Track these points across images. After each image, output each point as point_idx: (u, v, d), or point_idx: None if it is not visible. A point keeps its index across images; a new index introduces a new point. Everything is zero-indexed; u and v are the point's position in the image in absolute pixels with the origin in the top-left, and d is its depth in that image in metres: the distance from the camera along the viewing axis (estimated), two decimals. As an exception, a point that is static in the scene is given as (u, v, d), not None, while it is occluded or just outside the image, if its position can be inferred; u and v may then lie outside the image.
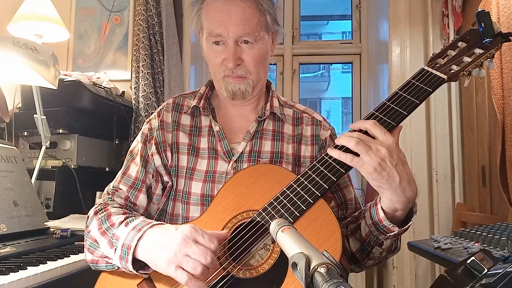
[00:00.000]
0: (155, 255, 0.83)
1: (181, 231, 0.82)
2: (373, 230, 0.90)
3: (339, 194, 1.08)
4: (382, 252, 0.94)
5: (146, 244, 0.85)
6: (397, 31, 2.49)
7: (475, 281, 0.69)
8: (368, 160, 0.79)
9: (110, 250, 0.89)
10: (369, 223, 0.90)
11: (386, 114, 0.88)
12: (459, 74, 0.91)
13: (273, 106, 1.10)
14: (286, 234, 0.57)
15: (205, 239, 0.81)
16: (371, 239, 0.92)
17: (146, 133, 1.09)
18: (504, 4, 1.72)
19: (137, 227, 0.88)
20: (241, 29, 0.98)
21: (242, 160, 1.04)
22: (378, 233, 0.89)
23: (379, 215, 0.87)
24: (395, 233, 0.86)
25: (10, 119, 1.90)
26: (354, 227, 0.97)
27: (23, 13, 1.99)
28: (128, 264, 0.86)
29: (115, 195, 1.03)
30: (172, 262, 0.80)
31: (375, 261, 0.98)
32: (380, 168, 0.79)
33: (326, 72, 6.61)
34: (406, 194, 0.82)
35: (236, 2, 0.98)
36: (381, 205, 0.86)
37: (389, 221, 0.86)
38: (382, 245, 0.92)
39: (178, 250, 0.80)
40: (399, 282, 2.37)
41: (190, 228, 0.82)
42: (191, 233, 0.81)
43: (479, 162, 2.09)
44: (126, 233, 0.87)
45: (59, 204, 1.83)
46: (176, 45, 2.49)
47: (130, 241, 0.86)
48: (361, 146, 0.80)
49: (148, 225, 0.88)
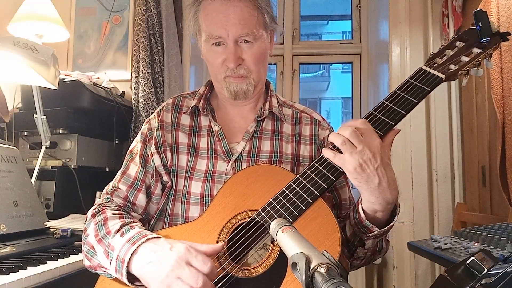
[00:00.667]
0: (148, 273, 0.82)
1: (176, 252, 0.82)
2: (356, 230, 0.91)
3: (335, 194, 1.08)
4: (366, 252, 0.94)
5: (139, 260, 0.84)
6: (397, 31, 2.49)
7: (475, 281, 0.69)
8: (349, 159, 0.81)
9: (106, 260, 0.89)
10: (353, 223, 0.91)
11: (385, 113, 0.88)
12: (457, 73, 0.91)
13: (272, 105, 1.10)
14: (286, 234, 0.57)
15: (198, 262, 0.80)
16: (355, 239, 0.93)
17: (145, 133, 1.09)
18: (504, 4, 1.72)
19: (131, 240, 0.87)
20: (240, 29, 0.97)
21: (242, 160, 1.04)
22: (360, 233, 0.90)
23: (359, 215, 0.88)
24: (375, 233, 0.87)
25: (10, 119, 1.90)
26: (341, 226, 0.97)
27: (23, 13, 1.99)
28: (123, 278, 0.86)
29: (114, 194, 1.03)
30: (163, 283, 0.79)
31: (361, 261, 0.98)
32: (360, 169, 0.81)
33: (326, 72, 6.61)
34: (384, 196, 0.83)
35: (233, 2, 0.97)
36: (361, 205, 0.87)
37: (369, 221, 0.87)
38: (365, 246, 0.92)
39: (170, 271, 0.79)
40: (399, 282, 2.37)
41: (185, 249, 0.82)
42: (185, 254, 0.81)
43: (479, 162, 2.09)
44: (121, 245, 0.87)
45: (59, 204, 1.84)
46: (176, 45, 2.49)
47: (124, 255, 0.85)
48: (346, 146, 0.82)
49: (142, 238, 0.87)
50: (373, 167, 0.81)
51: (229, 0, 0.97)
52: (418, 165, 2.41)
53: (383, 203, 0.84)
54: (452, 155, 2.36)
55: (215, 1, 0.99)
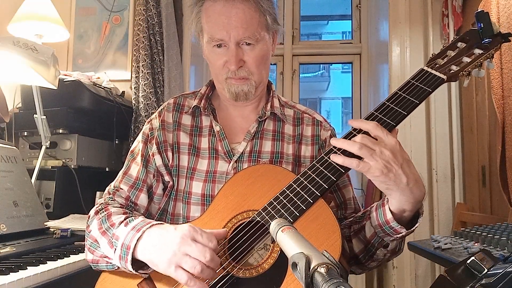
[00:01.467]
0: (155, 255, 0.83)
1: (180, 230, 0.83)
2: (378, 231, 0.90)
3: (338, 194, 1.08)
4: (386, 253, 0.93)
5: (145, 244, 0.85)
6: (397, 31, 2.49)
7: (475, 281, 0.69)
8: (374, 164, 0.79)
9: (110, 250, 0.89)
10: (375, 224, 0.90)
11: (386, 114, 0.88)
12: (458, 74, 0.91)
13: (273, 106, 1.10)
14: (286, 234, 0.57)
15: (203, 238, 0.81)
16: (376, 240, 0.92)
17: (147, 133, 1.09)
18: (504, 4, 1.72)
19: (136, 227, 0.88)
20: (242, 32, 0.97)
21: (243, 160, 1.04)
22: (384, 235, 0.89)
23: (386, 216, 0.86)
24: (403, 234, 0.86)
25: (10, 119, 1.90)
26: (358, 227, 0.97)
27: (23, 13, 1.99)
28: (127, 264, 0.86)
29: (116, 194, 1.04)
30: (171, 262, 0.80)
31: (378, 262, 0.97)
32: (387, 171, 0.79)
33: (326, 72, 6.61)
34: (415, 194, 0.82)
35: (235, 4, 0.97)
36: (389, 206, 0.86)
37: (396, 222, 0.85)
38: (388, 247, 0.91)
39: (177, 250, 0.80)
40: (399, 282, 2.37)
41: (189, 228, 0.83)
42: (190, 232, 0.82)
43: (479, 162, 2.09)
44: (126, 233, 0.87)
45: (59, 204, 1.83)
46: (176, 45, 2.49)
47: (129, 241, 0.86)
48: (365, 150, 0.79)
49: (147, 225, 0.88)
50: (398, 166, 0.80)
51: (231, 2, 0.97)
52: (418, 165, 2.38)
53: (413, 202, 0.83)
54: (452, 155, 2.36)
55: (217, 2, 0.99)
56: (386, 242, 0.91)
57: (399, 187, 0.81)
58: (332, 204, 1.06)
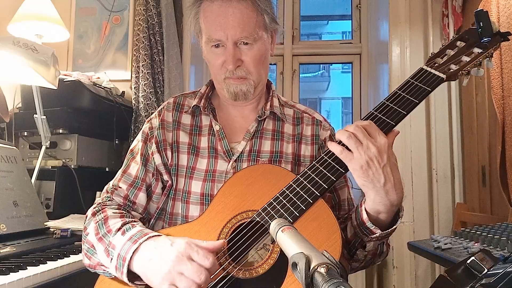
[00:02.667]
0: (149, 270, 0.82)
1: (176, 247, 0.82)
2: (357, 231, 0.91)
3: (334, 195, 1.08)
4: (366, 255, 0.94)
5: (141, 258, 0.84)
6: (397, 31, 2.49)
7: (475, 281, 0.69)
8: (356, 156, 0.81)
9: (107, 259, 0.89)
10: (354, 224, 0.91)
11: (385, 113, 0.88)
12: (458, 73, 0.91)
13: (273, 105, 1.10)
14: (286, 234, 0.57)
15: (199, 256, 0.80)
16: (356, 240, 0.93)
17: (146, 132, 1.09)
18: (504, 4, 1.72)
19: (133, 238, 0.87)
20: (239, 32, 0.97)
21: (242, 160, 1.04)
22: (362, 235, 0.90)
23: (362, 216, 0.87)
24: (377, 235, 0.87)
25: (10, 119, 1.90)
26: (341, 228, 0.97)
27: (23, 13, 1.99)
28: (123, 276, 0.86)
29: (115, 193, 1.03)
30: (166, 279, 0.79)
31: (361, 263, 0.98)
32: (367, 166, 0.80)
33: (326, 72, 6.60)
34: (389, 197, 0.83)
35: (232, 4, 0.97)
36: (365, 206, 0.87)
37: (371, 223, 0.86)
38: (365, 248, 0.92)
39: (172, 268, 0.79)
40: (399, 282, 2.37)
41: (185, 245, 0.82)
42: (186, 250, 0.81)
43: (479, 162, 2.08)
44: (122, 244, 0.87)
45: (59, 204, 1.83)
46: (176, 45, 2.49)
47: (125, 253, 0.85)
48: (352, 141, 0.81)
49: (144, 236, 0.87)
50: (379, 166, 0.80)
51: (228, 2, 0.97)
52: (418, 165, 2.40)
53: (387, 204, 0.84)
54: (452, 155, 2.36)
55: (214, 3, 0.99)
56: (364, 242, 0.91)
57: (375, 186, 0.82)
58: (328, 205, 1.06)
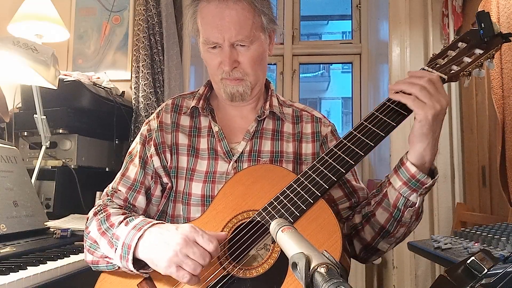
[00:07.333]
0: (156, 254, 0.83)
1: (181, 231, 0.83)
2: (404, 191, 0.89)
3: (347, 185, 1.07)
4: (412, 215, 0.92)
5: (146, 243, 0.85)
6: (397, 31, 2.49)
7: (475, 281, 0.69)
8: (429, 105, 0.83)
9: (111, 250, 0.89)
10: (399, 185, 0.89)
11: (386, 114, 0.88)
12: (459, 74, 0.91)
13: (272, 105, 1.10)
14: (286, 234, 0.57)
15: (204, 240, 0.82)
16: (401, 202, 0.91)
17: (145, 135, 1.09)
18: (504, 4, 1.72)
19: (137, 226, 0.88)
20: (235, 33, 0.97)
21: (242, 160, 1.04)
22: (410, 192, 0.89)
23: (410, 171, 0.88)
24: (429, 184, 0.87)
25: (10, 119, 1.90)
26: (379, 198, 0.95)
27: (23, 13, 1.99)
28: (128, 264, 0.86)
29: (114, 196, 1.03)
30: (172, 262, 0.80)
31: (406, 228, 0.95)
32: (437, 118, 0.84)
33: (326, 72, 6.61)
34: (436, 147, 0.88)
35: (229, 5, 0.96)
36: (410, 160, 0.88)
37: (422, 173, 0.87)
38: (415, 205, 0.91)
39: (178, 251, 0.80)
40: (399, 282, 2.37)
41: (190, 228, 0.83)
42: (191, 233, 0.82)
43: (479, 162, 2.08)
44: (126, 232, 0.88)
45: (59, 204, 1.84)
46: (176, 45, 2.49)
47: (130, 240, 0.86)
48: (424, 93, 0.84)
49: (148, 224, 0.88)
50: (442, 118, 0.86)
51: (224, 3, 0.97)
52: (418, 165, 2.40)
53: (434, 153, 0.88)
54: (452, 155, 2.36)
55: (210, 3, 0.98)
56: (412, 201, 0.90)
57: (433, 135, 0.86)
58: (340, 194, 1.06)
